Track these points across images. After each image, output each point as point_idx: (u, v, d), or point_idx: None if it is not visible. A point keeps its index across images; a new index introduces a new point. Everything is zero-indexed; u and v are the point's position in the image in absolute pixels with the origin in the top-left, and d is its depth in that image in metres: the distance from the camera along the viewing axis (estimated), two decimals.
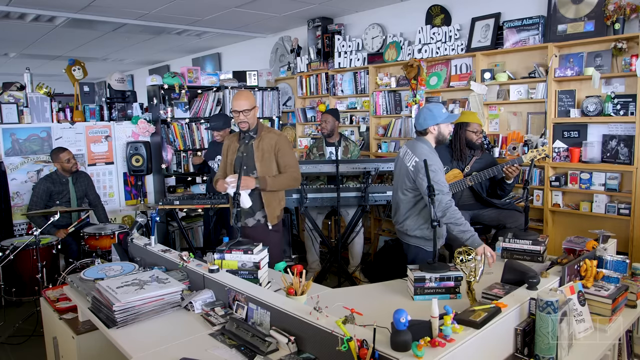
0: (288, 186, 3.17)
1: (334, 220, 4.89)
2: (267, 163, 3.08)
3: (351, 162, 4.19)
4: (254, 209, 3.12)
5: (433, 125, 2.84)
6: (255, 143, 3.10)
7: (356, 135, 5.56)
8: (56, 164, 4.29)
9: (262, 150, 3.08)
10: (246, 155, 3.11)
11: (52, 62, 8.55)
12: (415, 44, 4.75)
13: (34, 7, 4.94)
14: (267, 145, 3.08)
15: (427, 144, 2.86)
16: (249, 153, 3.11)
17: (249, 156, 3.10)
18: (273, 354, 1.72)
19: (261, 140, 3.10)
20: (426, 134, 2.87)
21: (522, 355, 1.75)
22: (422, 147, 2.82)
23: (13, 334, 3.44)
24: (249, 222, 3.17)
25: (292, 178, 3.11)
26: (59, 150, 4.31)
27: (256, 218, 3.17)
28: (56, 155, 4.29)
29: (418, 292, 2.23)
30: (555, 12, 3.85)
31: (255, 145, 3.09)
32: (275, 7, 5.22)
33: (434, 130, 2.85)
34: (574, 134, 3.80)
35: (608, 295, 2.03)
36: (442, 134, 2.87)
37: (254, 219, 3.17)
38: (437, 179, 2.68)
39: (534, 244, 2.60)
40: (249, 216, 3.16)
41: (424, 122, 2.85)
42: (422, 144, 2.84)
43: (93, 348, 2.28)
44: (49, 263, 3.70)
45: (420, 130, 2.88)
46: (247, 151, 3.12)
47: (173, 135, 5.26)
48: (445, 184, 2.76)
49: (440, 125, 2.85)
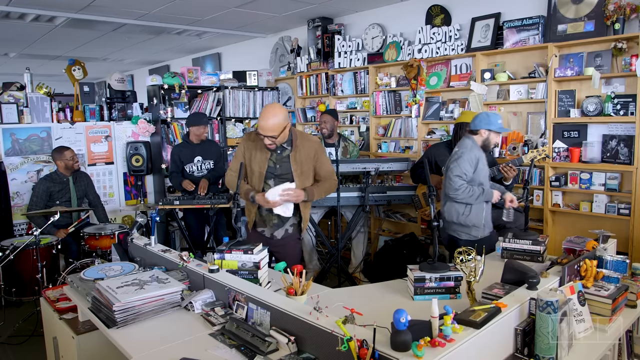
0: (328, 193, 2.99)
1: (333, 220, 4.89)
2: (306, 175, 2.85)
3: (351, 162, 4.19)
4: (283, 220, 2.91)
5: (485, 129, 3.07)
6: (292, 155, 2.81)
7: (356, 135, 5.56)
8: (59, 162, 4.26)
9: (301, 162, 2.82)
10: (280, 167, 2.83)
11: (52, 62, 8.55)
12: (415, 44, 4.75)
13: (34, 7, 4.94)
14: (305, 156, 2.82)
15: (473, 140, 3.09)
16: (283, 166, 2.83)
17: (283, 168, 2.83)
18: (273, 354, 1.72)
19: (298, 151, 2.81)
20: (476, 134, 3.10)
21: (522, 355, 1.75)
22: (466, 141, 3.09)
23: (13, 334, 3.44)
24: (277, 235, 2.94)
25: (333, 184, 2.97)
26: (63, 148, 4.30)
27: (285, 228, 2.95)
28: (60, 153, 4.25)
29: (418, 292, 2.23)
30: (555, 12, 3.85)
31: (292, 158, 2.81)
32: (275, 7, 5.22)
33: (484, 133, 3.09)
34: (574, 134, 3.80)
35: (608, 295, 2.03)
36: (489, 140, 3.11)
37: (282, 229, 2.94)
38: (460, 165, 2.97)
39: (534, 244, 2.60)
40: (278, 227, 2.93)
41: (479, 123, 3.09)
42: (468, 139, 3.10)
43: (93, 348, 2.27)
44: (49, 263, 3.70)
45: (473, 129, 3.11)
46: (281, 163, 2.84)
47: (173, 135, 5.26)
48: (463, 173, 2.97)
49: (491, 132, 3.08)
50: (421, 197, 4.03)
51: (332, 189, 2.99)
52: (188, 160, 4.45)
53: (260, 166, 2.85)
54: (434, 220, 2.40)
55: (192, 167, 4.46)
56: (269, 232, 2.96)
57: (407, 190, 4.18)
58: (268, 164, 2.84)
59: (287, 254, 2.93)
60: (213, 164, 4.51)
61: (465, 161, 2.98)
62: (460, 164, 2.97)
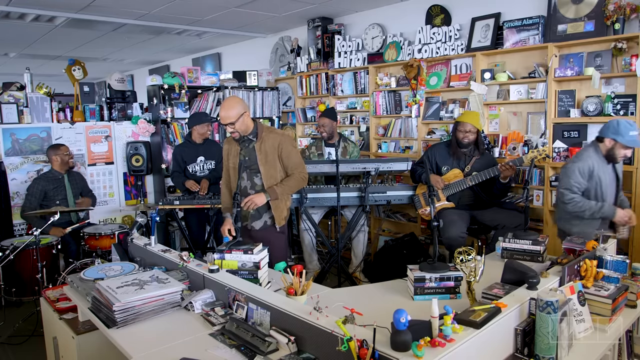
0: (297, 188, 3.14)
1: (334, 220, 4.89)
2: (271, 165, 3.02)
3: (351, 162, 4.19)
4: (260, 211, 3.09)
5: (611, 138, 2.89)
6: (257, 145, 3.02)
7: (356, 135, 5.56)
8: (54, 157, 4.24)
9: (265, 152, 3.01)
10: (248, 159, 3.05)
11: (52, 62, 8.55)
12: (415, 44, 4.75)
13: (34, 7, 4.94)
14: (269, 146, 3.01)
15: (597, 150, 2.93)
16: (251, 156, 3.04)
17: (251, 159, 3.04)
18: (273, 354, 1.72)
19: (263, 142, 3.02)
20: (602, 141, 2.94)
21: (522, 355, 1.75)
22: (587, 148, 2.95)
23: (13, 334, 3.44)
24: (256, 225, 3.12)
25: (300, 179, 3.07)
26: (59, 144, 4.31)
27: (263, 219, 3.12)
28: (56, 149, 4.25)
29: (418, 292, 2.23)
30: (555, 12, 3.85)
31: (257, 148, 3.02)
32: (275, 7, 5.22)
33: (608, 143, 2.91)
34: (574, 134, 3.80)
35: (608, 295, 2.03)
36: (614, 151, 2.92)
37: (261, 221, 3.12)
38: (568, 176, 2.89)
39: (534, 244, 2.60)
40: (256, 219, 3.12)
41: (606, 130, 2.92)
42: (591, 147, 2.94)
43: (93, 348, 2.28)
44: (49, 263, 3.70)
45: (600, 136, 2.95)
46: (249, 154, 3.05)
47: (173, 135, 5.26)
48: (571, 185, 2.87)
49: (617, 142, 2.88)
50: (421, 197, 4.03)
51: (300, 184, 3.10)
52: (191, 160, 4.46)
53: (233, 161, 3.08)
54: (434, 220, 2.40)
55: (194, 167, 4.46)
56: (249, 224, 3.12)
57: (407, 190, 4.18)
58: (239, 158, 3.06)
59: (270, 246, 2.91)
60: (214, 164, 4.51)
61: (574, 172, 2.83)
62: (570, 175, 2.83)
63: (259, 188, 3.05)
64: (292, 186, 3.05)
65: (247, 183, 3.09)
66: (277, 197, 3.00)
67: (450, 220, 3.58)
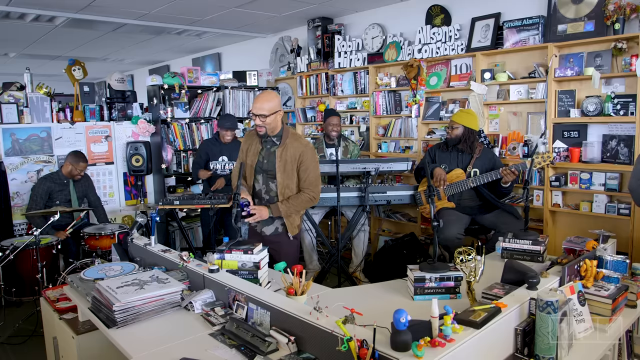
0: (304, 208, 2.99)
1: (334, 220, 4.89)
2: (289, 174, 2.88)
3: (351, 162, 4.19)
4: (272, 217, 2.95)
5: None
6: (279, 151, 2.86)
7: (356, 135, 5.56)
8: (69, 165, 4.24)
9: (285, 160, 2.86)
10: (267, 162, 2.90)
11: (52, 62, 8.55)
12: (415, 44, 4.75)
13: (34, 7, 4.95)
14: (290, 155, 2.86)
15: None
16: (270, 160, 2.89)
17: (270, 163, 2.90)
18: (273, 354, 1.72)
19: (285, 148, 2.86)
20: None
21: (522, 355, 1.75)
22: None
23: (13, 334, 3.44)
24: (266, 231, 3.00)
25: (308, 199, 2.92)
26: (81, 158, 4.28)
27: (274, 226, 2.99)
28: (76, 161, 4.24)
29: (418, 292, 2.23)
30: (555, 12, 3.85)
31: (278, 154, 2.86)
32: (275, 7, 5.22)
33: None
34: (574, 134, 3.80)
35: (608, 295, 2.03)
36: None
37: (272, 227, 3.00)
38: None
39: (534, 244, 2.60)
40: (267, 224, 2.99)
41: None
42: None
43: (93, 348, 2.27)
44: (49, 263, 3.70)
45: None
46: (268, 158, 2.90)
47: (173, 135, 5.26)
48: None
49: None
50: (422, 194, 4.03)
51: (307, 205, 2.95)
52: (214, 157, 4.58)
53: (251, 160, 2.96)
54: (434, 220, 2.40)
55: (216, 165, 4.57)
56: (260, 228, 3.04)
57: (407, 190, 4.18)
58: (258, 158, 2.94)
59: (281, 253, 2.93)
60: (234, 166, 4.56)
61: None
62: None
63: (274, 194, 2.92)
64: (297, 206, 2.90)
65: (263, 187, 2.96)
66: (280, 215, 2.89)
67: (449, 220, 3.58)
